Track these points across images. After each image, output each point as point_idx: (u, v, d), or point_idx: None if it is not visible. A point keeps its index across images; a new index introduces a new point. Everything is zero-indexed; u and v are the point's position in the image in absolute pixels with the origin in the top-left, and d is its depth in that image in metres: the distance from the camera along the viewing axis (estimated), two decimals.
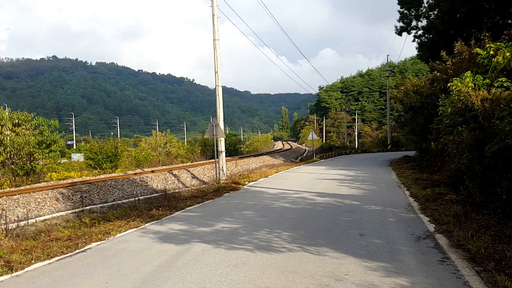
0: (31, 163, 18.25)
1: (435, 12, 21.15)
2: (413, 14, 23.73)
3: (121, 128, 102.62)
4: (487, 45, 9.17)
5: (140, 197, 13.15)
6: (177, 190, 14.61)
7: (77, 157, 34.96)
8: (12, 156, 17.92)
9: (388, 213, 8.65)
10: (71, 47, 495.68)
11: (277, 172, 20.24)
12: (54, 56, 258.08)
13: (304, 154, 44.14)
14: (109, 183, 15.22)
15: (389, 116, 44.67)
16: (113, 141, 26.71)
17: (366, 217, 8.21)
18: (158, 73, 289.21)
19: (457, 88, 8.66)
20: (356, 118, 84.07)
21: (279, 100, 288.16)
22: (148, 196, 14.08)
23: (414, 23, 24.08)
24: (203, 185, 16.59)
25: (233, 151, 36.34)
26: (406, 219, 7.99)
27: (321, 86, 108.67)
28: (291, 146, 63.27)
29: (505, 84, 8.01)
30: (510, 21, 16.98)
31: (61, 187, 13.67)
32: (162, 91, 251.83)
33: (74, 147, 62.02)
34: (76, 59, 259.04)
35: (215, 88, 16.95)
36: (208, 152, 31.90)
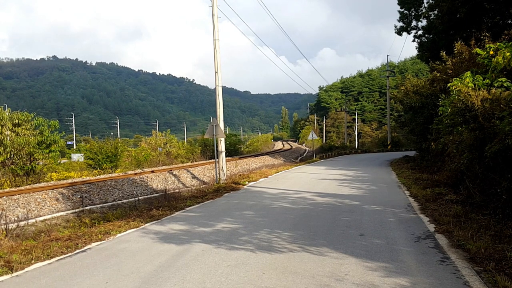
0: (31, 163, 18.25)
1: (435, 12, 21.13)
2: (413, 14, 23.71)
3: (121, 128, 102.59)
4: (487, 45, 9.16)
5: (140, 197, 13.16)
6: (177, 190, 14.61)
7: (77, 157, 34.93)
8: (12, 156, 17.92)
9: (388, 213, 8.65)
10: (71, 47, 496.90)
11: (277, 172, 20.23)
12: (54, 56, 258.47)
13: (304, 154, 44.14)
14: (109, 183, 15.22)
15: (389, 116, 44.65)
16: (113, 141, 26.72)
17: (366, 217, 8.21)
18: (158, 73, 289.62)
19: (457, 88, 8.65)
20: (356, 118, 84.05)
21: (279, 100, 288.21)
22: (148, 196, 14.09)
23: (414, 23, 24.05)
24: (203, 185, 16.59)
25: (233, 151, 36.34)
26: (406, 219, 7.99)
27: (321, 86, 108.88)
28: (291, 146, 63.29)
29: (505, 84, 8.01)
30: (510, 21, 16.96)
31: (61, 187, 13.67)
32: (162, 91, 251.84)
33: (74, 147, 61.98)
34: (76, 59, 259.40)
35: (215, 88, 16.94)
36: (208, 152, 31.90)
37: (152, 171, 18.94)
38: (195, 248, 6.12)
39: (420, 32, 23.95)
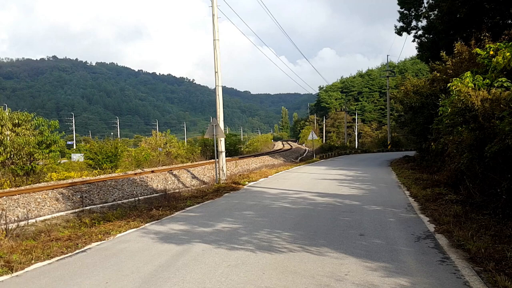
0: (31, 163, 18.25)
1: (435, 12, 21.13)
2: (413, 14, 23.70)
3: (121, 128, 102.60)
4: (487, 45, 9.17)
5: (140, 197, 13.15)
6: (177, 190, 14.61)
7: (77, 157, 34.90)
8: (12, 156, 17.92)
9: (388, 213, 8.65)
10: (71, 47, 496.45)
11: (277, 172, 20.23)
12: (54, 56, 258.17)
13: (304, 154, 44.14)
14: (109, 183, 15.22)
15: (389, 116, 44.64)
16: (113, 141, 26.74)
17: (366, 217, 8.21)
18: (158, 73, 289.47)
19: (457, 88, 8.65)
20: (356, 118, 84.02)
21: (279, 100, 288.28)
22: (148, 196, 14.08)
23: (414, 23, 24.04)
24: (203, 185, 16.59)
25: (233, 151, 36.33)
26: (406, 219, 7.99)
27: (321, 86, 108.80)
28: (291, 146, 63.31)
29: (505, 84, 8.01)
30: (510, 21, 16.97)
31: (61, 187, 13.67)
32: (162, 91, 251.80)
33: (74, 147, 61.94)
34: (76, 59, 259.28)
35: (215, 88, 16.94)
36: (208, 152, 31.90)
37: (152, 171, 18.94)
38: (195, 248, 6.12)
39: (420, 32, 23.95)
